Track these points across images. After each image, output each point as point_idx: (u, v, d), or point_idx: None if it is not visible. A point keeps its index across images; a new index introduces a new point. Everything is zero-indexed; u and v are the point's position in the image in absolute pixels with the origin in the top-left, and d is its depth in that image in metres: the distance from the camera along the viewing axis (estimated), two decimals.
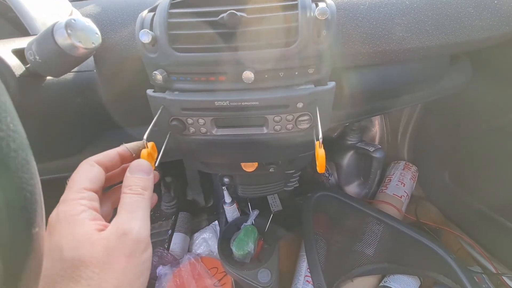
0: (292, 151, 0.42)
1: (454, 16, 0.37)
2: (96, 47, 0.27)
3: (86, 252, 0.19)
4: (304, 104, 0.33)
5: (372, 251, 0.66)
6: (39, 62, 0.24)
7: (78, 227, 0.19)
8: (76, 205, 0.20)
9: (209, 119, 0.35)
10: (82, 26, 0.24)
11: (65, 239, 0.19)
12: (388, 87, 0.46)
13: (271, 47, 0.31)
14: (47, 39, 0.23)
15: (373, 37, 0.36)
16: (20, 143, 0.13)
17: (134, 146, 0.27)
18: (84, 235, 0.19)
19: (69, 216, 0.20)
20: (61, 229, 0.19)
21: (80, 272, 0.18)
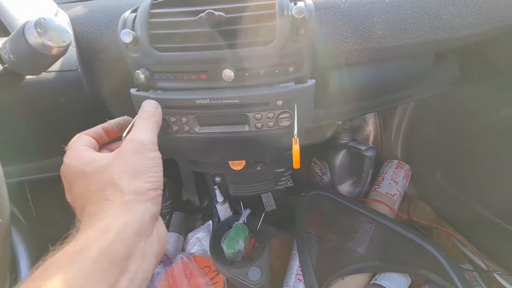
0: (276, 148, 0.42)
1: (433, 14, 0.37)
2: (68, 45, 0.27)
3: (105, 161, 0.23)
4: (284, 101, 0.33)
5: (364, 250, 0.66)
6: (13, 61, 0.24)
7: (88, 156, 0.24)
8: (79, 150, 0.25)
9: (191, 117, 0.35)
10: (53, 25, 0.25)
11: (82, 165, 0.23)
12: (373, 86, 0.46)
13: (250, 45, 0.31)
14: (19, 38, 0.24)
15: (354, 36, 0.37)
16: None
17: (116, 122, 0.30)
18: (95, 155, 0.25)
19: (78, 158, 0.24)
20: (73, 165, 0.24)
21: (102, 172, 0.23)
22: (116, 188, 0.22)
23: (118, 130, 0.30)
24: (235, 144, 0.39)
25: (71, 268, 0.16)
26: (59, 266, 0.16)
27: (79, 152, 0.25)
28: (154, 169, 0.24)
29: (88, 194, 0.22)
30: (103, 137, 0.29)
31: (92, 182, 0.22)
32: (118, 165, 0.23)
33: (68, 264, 0.16)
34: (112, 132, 0.30)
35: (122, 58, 0.36)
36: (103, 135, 0.29)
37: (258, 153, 0.44)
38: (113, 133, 0.30)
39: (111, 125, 0.30)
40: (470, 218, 0.71)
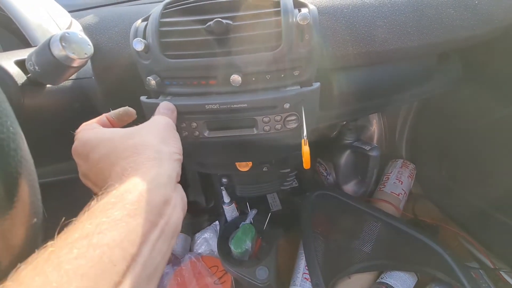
0: (282, 150, 0.44)
1: (434, 17, 0.38)
2: (89, 57, 0.29)
3: (128, 130, 0.25)
4: (291, 104, 0.35)
5: (370, 249, 0.67)
6: (38, 72, 0.26)
7: (106, 129, 0.26)
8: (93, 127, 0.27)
9: (201, 122, 0.37)
10: (76, 39, 0.27)
11: (102, 138, 0.25)
12: (376, 87, 0.47)
13: (256, 51, 0.33)
14: (44, 51, 0.25)
15: (357, 39, 0.38)
16: (19, 143, 0.15)
17: (116, 112, 0.31)
18: (112, 129, 0.27)
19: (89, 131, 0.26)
20: (99, 136, 0.25)
21: (133, 137, 0.24)
22: (147, 146, 0.23)
23: (118, 121, 0.31)
24: (242, 146, 0.41)
25: (114, 210, 0.17)
26: (105, 208, 0.17)
27: (94, 129, 0.26)
28: (178, 140, 0.27)
29: (116, 153, 0.23)
30: (108, 126, 0.30)
31: (119, 144, 0.23)
32: (148, 132, 0.25)
33: (112, 206, 0.18)
34: (114, 122, 0.31)
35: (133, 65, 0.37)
36: (107, 124, 0.30)
37: (265, 155, 0.45)
38: (115, 123, 0.31)
39: (112, 116, 0.31)
40: (476, 216, 0.71)
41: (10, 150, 0.14)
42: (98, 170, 0.24)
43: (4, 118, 0.14)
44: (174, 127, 0.28)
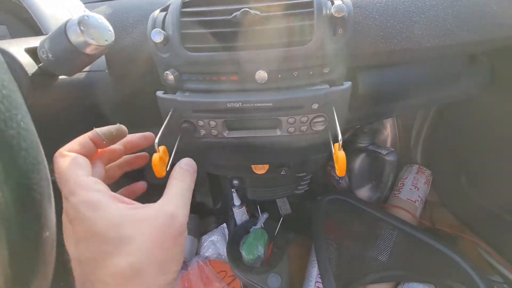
0: (304, 153, 0.41)
1: (476, 14, 0.35)
2: (109, 44, 0.26)
3: (134, 230, 0.19)
4: (320, 105, 0.32)
5: (386, 258, 0.64)
6: (51, 60, 0.23)
7: (109, 210, 0.19)
8: (91, 191, 0.20)
9: (220, 121, 0.34)
10: (95, 23, 0.24)
11: (102, 225, 0.19)
12: (404, 88, 0.44)
13: (285, 45, 0.30)
14: (60, 36, 0.23)
15: (391, 36, 0.35)
16: (31, 142, 0.12)
17: (107, 132, 0.24)
18: (123, 215, 0.19)
19: (91, 205, 0.19)
20: (91, 218, 0.19)
21: (129, 247, 0.19)
22: (140, 280, 0.18)
23: (108, 141, 0.25)
24: (262, 148, 0.38)
25: None
26: None
27: (93, 197, 0.20)
28: (182, 256, 0.22)
29: (100, 268, 0.18)
30: (92, 151, 0.24)
31: (110, 256, 0.18)
32: (149, 247, 0.19)
33: None
34: (101, 143, 0.24)
35: (149, 59, 0.35)
36: (92, 148, 0.24)
37: (285, 158, 0.42)
38: (103, 144, 0.25)
39: (102, 136, 0.24)
40: (497, 227, 0.68)
41: (21, 150, 0.11)
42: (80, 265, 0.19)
43: (14, 111, 0.11)
44: (185, 226, 0.22)
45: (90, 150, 0.23)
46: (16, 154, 0.11)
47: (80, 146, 0.23)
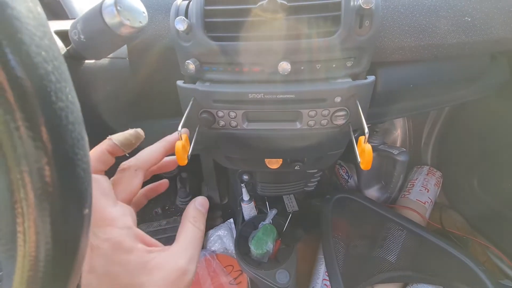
0: (321, 149, 0.40)
1: (505, 10, 0.34)
2: (143, 26, 0.26)
3: (146, 279, 0.19)
4: (342, 98, 0.31)
5: (394, 258, 0.63)
6: (83, 41, 0.23)
7: (130, 254, 0.20)
8: (117, 228, 0.20)
9: (240, 112, 0.34)
10: (130, 4, 0.24)
11: (119, 268, 0.19)
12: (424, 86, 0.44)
13: (311, 37, 0.29)
14: (95, 16, 0.22)
15: (416, 31, 0.34)
16: (77, 116, 0.12)
17: (124, 139, 0.23)
18: (139, 263, 0.20)
19: (115, 243, 0.19)
20: (111, 256, 0.19)
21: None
22: None
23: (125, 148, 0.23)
24: (280, 141, 0.38)
25: None
26: None
27: (118, 236, 0.19)
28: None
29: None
30: (110, 163, 0.23)
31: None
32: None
33: None
34: (117, 151, 0.23)
35: (169, 47, 0.35)
36: (110, 161, 0.23)
37: (302, 152, 0.42)
38: (120, 152, 0.24)
39: (118, 144, 0.23)
40: (508, 231, 0.67)
41: (69, 123, 0.11)
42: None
43: (63, 83, 0.11)
44: (191, 283, 0.22)
45: (109, 164, 0.23)
46: (64, 128, 0.11)
47: (100, 163, 0.22)
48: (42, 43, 0.10)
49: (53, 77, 0.11)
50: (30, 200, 0.11)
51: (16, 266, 0.12)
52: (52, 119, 0.11)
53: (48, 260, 0.12)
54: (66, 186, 0.12)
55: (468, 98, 0.53)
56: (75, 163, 0.12)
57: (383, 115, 0.51)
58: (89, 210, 0.13)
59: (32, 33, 0.10)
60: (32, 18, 0.10)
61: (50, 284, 0.13)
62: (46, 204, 0.11)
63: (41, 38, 0.10)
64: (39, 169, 0.11)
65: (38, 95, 0.10)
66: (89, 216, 0.14)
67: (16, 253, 0.12)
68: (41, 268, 0.12)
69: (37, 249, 0.12)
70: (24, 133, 0.10)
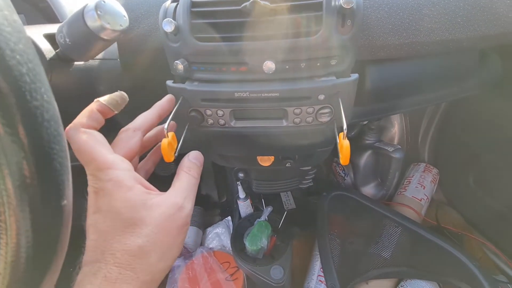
0: (310, 145, 0.41)
1: (487, 7, 0.35)
2: (124, 29, 0.27)
3: (146, 214, 0.21)
4: (326, 96, 0.32)
5: (389, 254, 0.64)
6: (69, 44, 0.25)
7: (130, 192, 0.22)
8: (118, 170, 0.22)
9: (228, 110, 0.35)
10: (111, 9, 0.25)
11: (121, 203, 0.21)
12: (412, 83, 0.44)
13: (294, 36, 0.30)
14: (77, 21, 0.24)
15: (400, 29, 0.35)
16: (53, 114, 0.13)
17: (111, 100, 0.25)
18: (139, 199, 0.22)
19: (117, 182, 0.21)
20: (114, 194, 0.21)
21: (140, 230, 0.21)
22: (144, 261, 0.20)
23: (115, 109, 0.25)
24: (269, 139, 0.38)
25: None
26: None
27: (119, 175, 0.21)
28: (182, 245, 0.24)
29: (112, 241, 0.20)
30: (101, 122, 0.24)
31: (122, 233, 0.20)
32: (157, 232, 0.21)
33: None
34: (108, 113, 0.25)
35: (159, 48, 0.36)
36: (101, 120, 0.24)
37: (291, 149, 0.42)
38: (109, 113, 0.25)
39: (105, 103, 0.24)
40: (503, 227, 0.67)
41: (44, 121, 0.12)
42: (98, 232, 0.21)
43: (38, 83, 0.12)
44: (190, 217, 0.24)
45: (99, 122, 0.24)
46: (39, 125, 0.12)
47: (92, 120, 0.23)
48: (16, 48, 0.11)
49: (27, 78, 0.12)
50: (10, 191, 0.12)
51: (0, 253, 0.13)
52: (27, 116, 0.12)
53: (29, 246, 0.13)
54: (44, 178, 0.13)
55: (460, 95, 0.53)
56: (51, 157, 0.13)
57: (375, 112, 0.51)
58: (68, 201, 0.15)
59: (7, 39, 0.11)
60: (7, 25, 0.11)
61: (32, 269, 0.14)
62: (25, 195, 0.13)
63: (16, 43, 0.11)
64: (17, 162, 0.12)
65: (14, 94, 0.11)
66: (69, 206, 0.15)
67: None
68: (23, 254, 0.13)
69: (18, 236, 0.13)
70: (1, 130, 0.11)
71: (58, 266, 0.16)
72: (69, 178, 0.15)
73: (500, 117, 0.65)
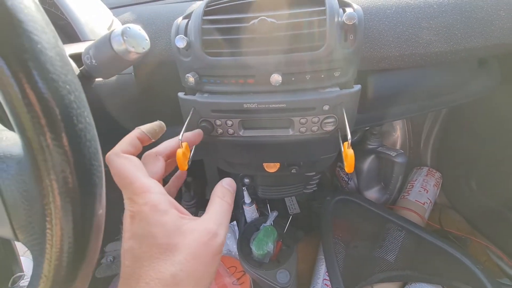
0: (315, 153, 0.43)
1: (484, 20, 0.36)
2: (146, 51, 0.29)
3: (180, 240, 0.21)
4: (330, 106, 0.34)
5: (393, 258, 0.65)
6: (94, 65, 0.27)
7: (166, 216, 0.21)
8: (154, 194, 0.22)
9: (237, 120, 0.36)
10: (135, 33, 0.27)
11: (156, 228, 0.21)
12: (412, 91, 0.46)
13: (299, 51, 0.32)
14: (104, 44, 0.26)
15: (400, 41, 0.37)
16: (93, 134, 0.15)
17: (150, 129, 0.27)
18: (173, 224, 0.21)
19: (153, 207, 0.21)
20: (150, 218, 0.21)
21: (173, 257, 0.20)
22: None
23: (153, 138, 0.27)
24: (275, 147, 0.40)
25: None
26: None
27: (155, 200, 0.21)
28: (215, 273, 0.23)
29: (146, 268, 0.20)
30: (139, 149, 0.26)
31: (157, 260, 0.20)
32: (191, 260, 0.21)
33: None
34: (146, 140, 0.27)
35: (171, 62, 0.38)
36: (139, 147, 0.26)
37: (296, 157, 0.44)
38: (148, 141, 0.27)
39: (147, 135, 0.26)
40: (507, 230, 0.68)
41: (87, 140, 0.14)
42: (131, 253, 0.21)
43: (82, 108, 0.14)
44: (223, 248, 0.23)
45: (138, 149, 0.25)
46: (83, 144, 0.14)
47: (131, 147, 0.24)
48: (66, 79, 0.13)
49: (74, 105, 0.13)
50: (57, 203, 0.14)
51: (45, 257, 0.15)
52: (74, 138, 0.13)
53: (70, 251, 0.15)
54: (85, 191, 0.15)
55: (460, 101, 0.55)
56: (92, 172, 0.15)
57: (377, 119, 0.53)
58: (103, 211, 0.16)
59: (59, 72, 0.13)
60: (59, 60, 0.13)
61: (72, 271, 0.16)
62: (69, 205, 0.14)
63: (66, 74, 0.13)
64: (64, 177, 0.14)
65: (63, 119, 0.13)
66: (103, 215, 0.16)
67: (45, 246, 0.15)
68: (65, 258, 0.15)
69: (62, 242, 0.15)
70: (53, 149, 0.13)
71: (92, 269, 0.17)
72: (104, 191, 0.16)
73: (500, 120, 0.66)
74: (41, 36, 0.12)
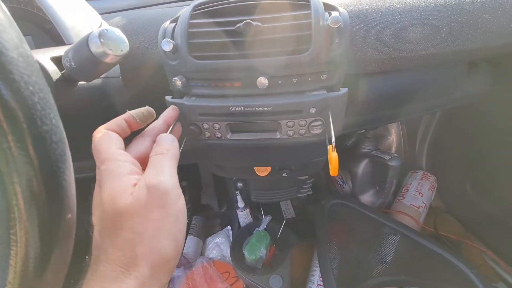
0: (304, 156, 0.43)
1: (470, 23, 0.36)
2: (125, 54, 0.29)
3: (123, 205, 0.20)
4: (317, 109, 0.34)
5: (388, 263, 0.64)
6: (74, 68, 0.26)
7: (116, 181, 0.21)
8: (115, 161, 0.22)
9: (224, 124, 0.36)
10: (113, 36, 0.27)
11: (105, 194, 0.21)
12: (402, 94, 0.46)
13: (285, 54, 0.32)
14: (82, 47, 0.26)
15: (386, 44, 0.37)
16: (60, 137, 0.14)
17: (138, 113, 0.28)
18: (120, 189, 0.21)
19: (110, 172, 0.21)
20: (104, 185, 0.21)
21: (122, 223, 0.20)
22: (132, 259, 0.19)
23: (141, 122, 0.28)
24: (264, 150, 0.40)
25: None
26: None
27: (113, 166, 0.21)
28: (179, 227, 0.22)
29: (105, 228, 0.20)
30: (126, 131, 0.27)
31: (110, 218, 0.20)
32: (138, 221, 0.20)
33: None
34: (134, 124, 0.27)
35: (158, 66, 0.38)
36: (125, 128, 0.27)
37: (286, 160, 0.44)
38: (136, 125, 0.28)
39: (134, 117, 0.27)
40: (503, 234, 0.67)
41: (52, 142, 0.14)
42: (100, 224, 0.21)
43: (48, 110, 0.14)
44: (176, 192, 0.23)
45: (124, 129, 0.26)
46: (49, 146, 0.14)
47: (115, 125, 0.25)
48: (30, 80, 0.13)
49: (39, 106, 0.13)
50: (21, 206, 0.14)
51: (10, 263, 0.15)
52: (38, 140, 0.13)
53: (37, 257, 0.15)
54: (51, 194, 0.14)
55: (451, 105, 0.55)
56: (58, 175, 0.14)
57: (368, 122, 0.53)
58: (72, 215, 0.16)
59: (22, 73, 0.13)
60: (22, 61, 0.13)
61: (39, 278, 0.15)
62: (34, 209, 0.14)
63: (29, 75, 0.13)
64: (28, 180, 0.13)
65: (27, 121, 0.13)
66: (73, 220, 0.16)
67: (10, 252, 0.14)
68: (31, 264, 0.15)
69: (27, 248, 0.14)
70: (15, 152, 0.13)
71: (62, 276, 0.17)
72: (73, 194, 0.16)
73: (495, 123, 0.66)
74: (1, 36, 0.12)
